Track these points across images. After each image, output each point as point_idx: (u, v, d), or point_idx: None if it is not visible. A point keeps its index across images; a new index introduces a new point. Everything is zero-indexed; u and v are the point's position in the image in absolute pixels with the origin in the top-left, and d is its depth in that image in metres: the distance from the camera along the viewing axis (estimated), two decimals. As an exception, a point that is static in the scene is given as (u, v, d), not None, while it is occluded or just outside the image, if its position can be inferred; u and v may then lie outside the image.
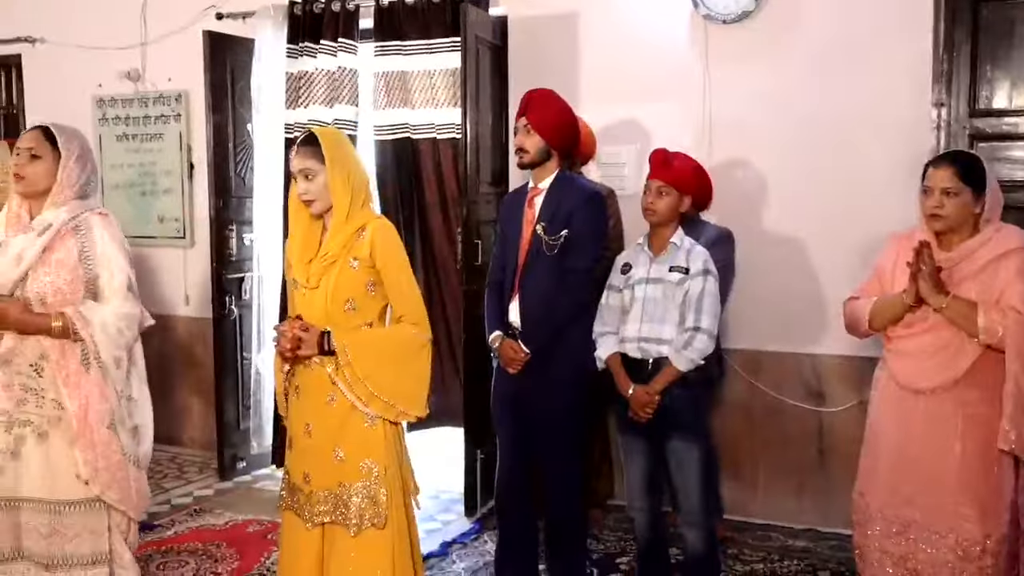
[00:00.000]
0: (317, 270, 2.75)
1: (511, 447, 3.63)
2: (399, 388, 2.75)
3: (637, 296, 3.38)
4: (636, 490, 3.47)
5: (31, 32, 6.12)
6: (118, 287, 2.82)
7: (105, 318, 2.76)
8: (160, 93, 5.77)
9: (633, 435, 3.42)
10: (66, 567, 2.81)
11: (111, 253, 2.83)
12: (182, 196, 5.76)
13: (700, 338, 3.27)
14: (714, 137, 4.44)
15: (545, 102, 3.54)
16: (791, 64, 4.34)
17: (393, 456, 2.77)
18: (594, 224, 3.48)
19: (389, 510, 2.72)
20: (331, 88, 5.09)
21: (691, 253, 3.37)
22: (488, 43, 4.64)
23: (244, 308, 5.35)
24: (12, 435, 2.82)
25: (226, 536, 4.40)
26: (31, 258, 2.76)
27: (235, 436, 5.31)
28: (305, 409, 2.79)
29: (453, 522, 4.60)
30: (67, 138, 2.88)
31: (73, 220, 2.82)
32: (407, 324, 2.78)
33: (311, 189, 2.72)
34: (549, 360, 3.44)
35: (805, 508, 4.43)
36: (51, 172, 2.84)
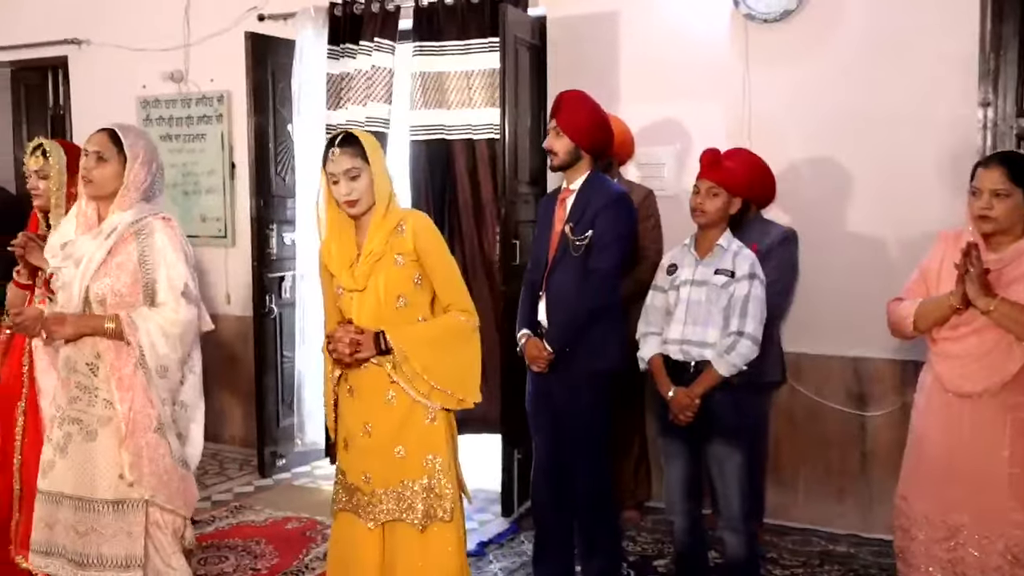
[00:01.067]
0: (363, 271, 2.74)
1: (545, 446, 3.64)
2: (456, 376, 2.77)
3: (682, 298, 3.35)
4: (675, 493, 3.44)
5: (77, 34, 6.22)
6: (173, 292, 2.82)
7: (151, 327, 2.77)
8: (202, 94, 5.84)
9: (673, 438, 3.39)
10: (99, 567, 2.82)
11: (169, 258, 2.83)
12: (224, 196, 5.82)
13: (743, 343, 3.23)
14: (754, 137, 4.39)
15: (575, 104, 3.54)
16: (833, 64, 4.28)
17: (452, 450, 2.80)
18: (618, 226, 3.47)
19: (454, 503, 2.74)
20: (368, 87, 5.11)
21: (738, 256, 3.32)
22: (527, 43, 4.63)
23: (284, 307, 5.39)
24: (63, 431, 2.86)
25: (266, 533, 4.43)
26: (97, 262, 2.80)
27: (275, 434, 5.35)
28: (363, 409, 2.78)
29: (490, 522, 4.60)
30: (133, 140, 2.89)
31: (136, 224, 2.84)
32: (455, 312, 2.80)
33: (357, 188, 2.71)
34: (572, 360, 3.45)
35: (846, 513, 4.37)
36: (118, 174, 2.86)
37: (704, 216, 3.33)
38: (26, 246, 3.23)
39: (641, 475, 4.61)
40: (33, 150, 3.35)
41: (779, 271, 3.89)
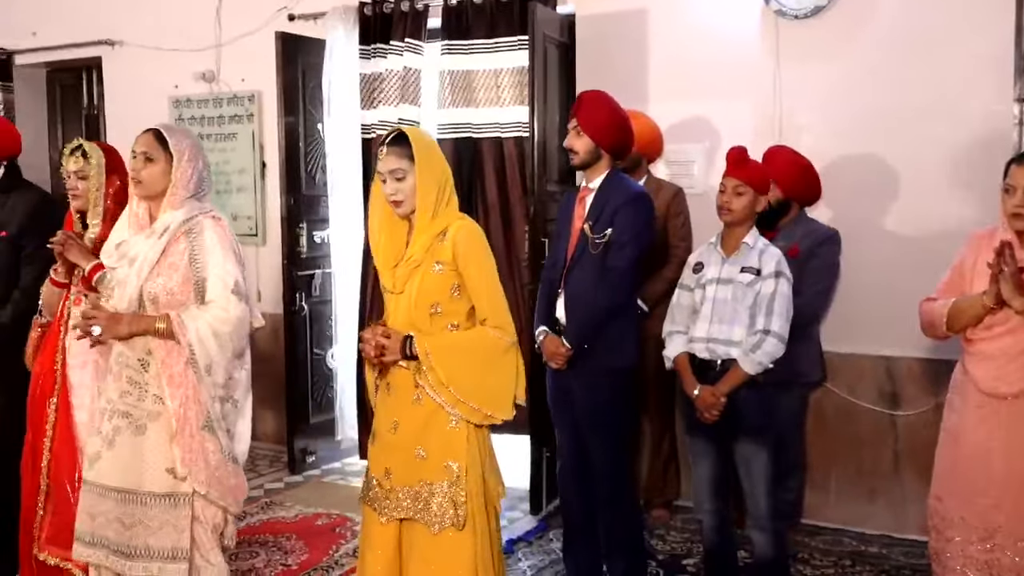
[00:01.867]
0: (402, 275, 2.73)
1: (568, 443, 3.66)
2: (483, 392, 2.70)
3: (708, 296, 3.35)
4: (703, 492, 3.43)
5: (111, 35, 6.29)
6: (223, 290, 2.85)
7: (201, 326, 2.80)
8: (234, 94, 5.89)
9: (700, 436, 3.39)
10: (146, 558, 2.86)
11: (219, 256, 2.86)
12: (254, 194, 5.87)
13: (770, 341, 3.22)
14: (784, 135, 4.37)
15: (595, 104, 3.55)
16: (864, 60, 4.25)
17: (475, 458, 2.74)
18: (637, 224, 3.47)
19: (470, 513, 2.70)
20: (400, 88, 5.13)
21: (764, 254, 3.31)
22: (556, 41, 4.63)
23: (314, 304, 5.43)
24: (112, 424, 2.90)
25: (296, 528, 4.47)
26: (151, 261, 2.84)
27: (305, 431, 5.39)
28: (394, 406, 2.78)
29: (519, 520, 4.60)
30: (177, 139, 2.93)
31: (187, 223, 2.88)
32: (490, 327, 2.73)
33: (402, 189, 2.68)
34: (590, 357, 3.46)
35: (878, 513, 4.33)
36: (166, 173, 2.90)
37: (730, 214, 3.31)
38: (65, 244, 3.25)
39: (671, 474, 4.60)
40: (72, 151, 3.37)
41: (821, 273, 3.88)
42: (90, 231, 3.36)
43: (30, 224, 3.68)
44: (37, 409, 3.43)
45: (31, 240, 3.65)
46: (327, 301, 5.49)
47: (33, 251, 3.64)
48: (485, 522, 2.76)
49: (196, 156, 2.96)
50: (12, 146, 3.88)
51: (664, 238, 4.37)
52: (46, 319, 3.48)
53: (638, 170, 4.40)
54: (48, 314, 3.46)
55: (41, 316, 3.50)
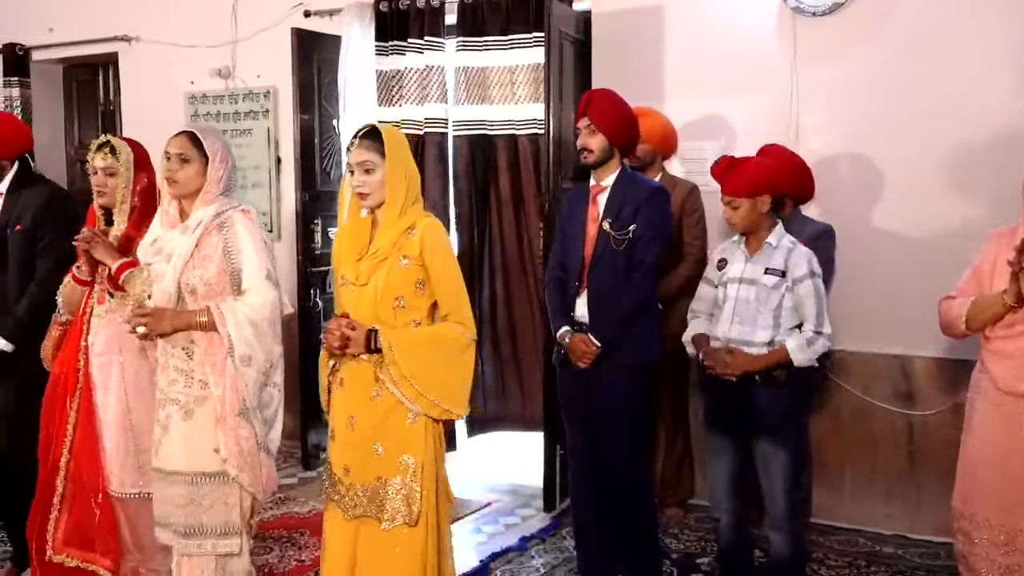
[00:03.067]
0: (367, 267, 2.75)
1: (581, 443, 3.65)
2: (444, 386, 2.75)
3: (730, 295, 3.34)
4: (720, 490, 3.42)
5: (127, 31, 6.32)
6: (257, 278, 2.95)
7: (239, 317, 2.88)
8: (249, 90, 5.90)
9: (719, 433, 3.38)
10: (201, 535, 2.98)
11: (251, 246, 2.96)
12: (269, 190, 5.88)
13: (822, 342, 3.22)
14: (801, 133, 4.36)
15: (605, 101, 3.55)
16: (882, 57, 4.22)
17: (431, 454, 2.77)
18: (659, 220, 3.50)
19: (423, 509, 2.72)
20: (421, 86, 5.14)
21: (791, 254, 3.28)
22: (572, 38, 4.62)
23: (329, 301, 5.40)
24: (164, 412, 3.01)
25: (309, 524, 4.47)
26: (186, 255, 2.94)
27: (319, 426, 5.37)
28: (349, 402, 2.80)
29: (532, 517, 4.60)
30: (211, 140, 3.03)
31: (218, 217, 2.97)
32: (453, 323, 2.77)
33: (368, 182, 2.73)
34: (614, 353, 3.46)
35: (893, 513, 4.31)
36: (200, 173, 2.99)
37: (735, 226, 3.36)
38: (91, 241, 3.26)
39: (685, 472, 4.59)
40: (100, 147, 3.37)
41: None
42: (115, 228, 3.37)
43: (45, 217, 3.69)
44: (56, 408, 3.43)
45: (46, 233, 3.66)
46: (339, 297, 5.48)
47: (48, 244, 3.65)
48: (435, 519, 2.78)
49: (227, 156, 3.07)
50: (24, 143, 3.88)
51: (678, 236, 4.35)
52: (65, 317, 3.48)
53: (653, 167, 4.39)
54: (68, 312, 3.47)
55: (60, 314, 3.49)
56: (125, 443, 3.34)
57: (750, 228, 3.32)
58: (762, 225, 3.32)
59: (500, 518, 4.60)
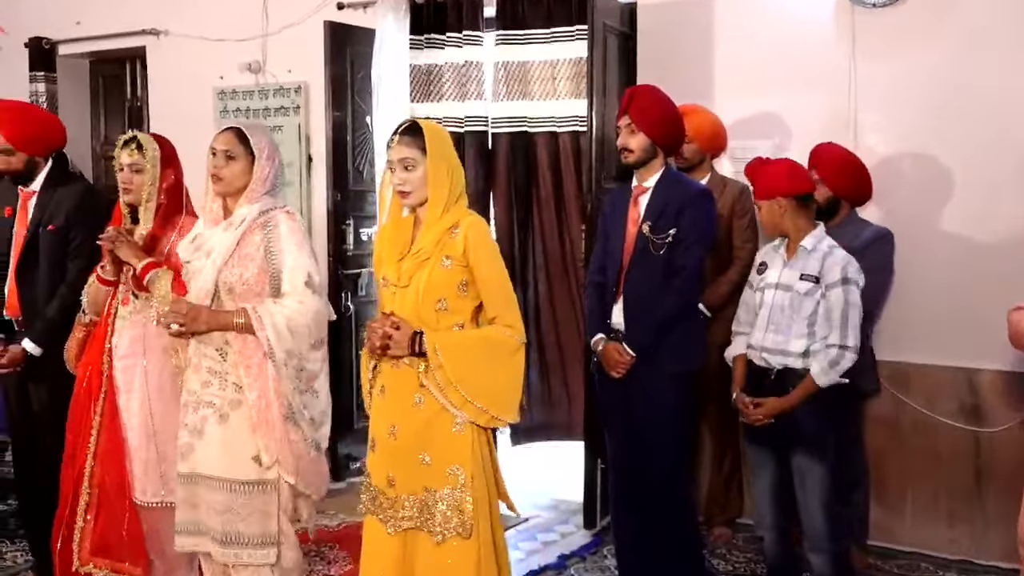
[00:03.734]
0: (409, 268, 2.75)
1: (621, 454, 3.64)
2: (492, 392, 2.73)
3: (765, 301, 3.37)
4: (763, 506, 3.42)
5: (155, 25, 6.39)
6: (298, 283, 2.96)
7: (277, 320, 2.91)
8: (280, 85, 5.94)
9: (760, 446, 3.39)
10: (238, 545, 2.99)
11: (293, 249, 2.98)
12: (300, 189, 5.91)
13: (848, 357, 3.23)
14: (859, 131, 4.30)
15: (647, 98, 3.54)
16: (946, 51, 4.16)
17: (480, 462, 2.75)
18: (703, 223, 3.49)
19: (475, 519, 2.71)
20: (459, 82, 5.16)
21: (827, 259, 3.28)
22: (616, 31, 4.60)
23: (360, 304, 5.45)
24: (198, 415, 3.03)
25: (338, 537, 4.49)
26: (225, 253, 2.97)
27: (349, 436, 5.40)
28: (390, 410, 2.79)
29: (572, 534, 4.58)
30: (258, 138, 3.06)
31: (262, 216, 3.01)
32: (500, 326, 2.75)
33: (410, 180, 2.73)
34: (653, 362, 3.46)
35: (958, 537, 4.23)
36: (246, 171, 3.02)
37: (768, 229, 3.42)
38: (116, 241, 3.30)
39: (733, 490, 4.55)
40: (126, 143, 3.39)
41: (871, 274, 3.79)
42: (141, 227, 3.40)
43: (77, 217, 3.74)
44: (81, 412, 3.47)
45: (78, 233, 3.71)
46: (373, 301, 5.49)
47: (80, 244, 3.70)
48: (489, 530, 2.77)
49: (274, 154, 3.10)
50: (59, 139, 3.94)
51: (728, 239, 4.32)
52: (90, 318, 3.52)
53: (701, 167, 4.38)
54: (93, 313, 3.50)
55: (84, 315, 3.54)
56: (147, 449, 3.37)
57: (775, 231, 3.38)
58: (791, 227, 3.35)
59: (538, 534, 4.59)
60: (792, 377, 3.31)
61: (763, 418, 3.31)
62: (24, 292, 3.78)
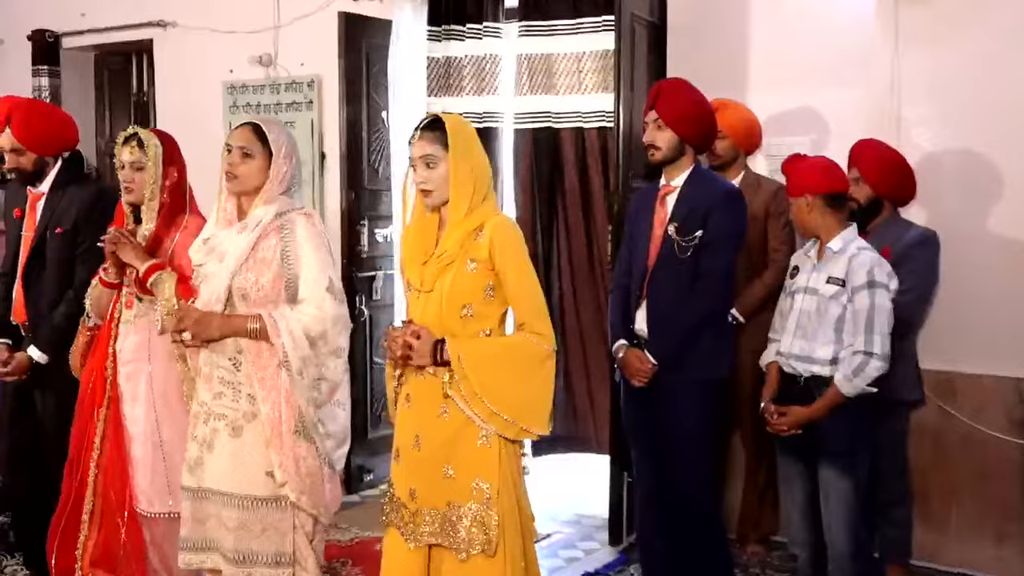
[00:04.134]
0: (432, 272, 2.71)
1: (649, 470, 3.61)
2: (520, 404, 2.68)
3: (794, 307, 3.37)
4: (795, 519, 3.41)
5: (163, 16, 6.37)
6: (316, 289, 2.90)
7: (294, 327, 2.86)
8: (292, 79, 5.90)
9: (791, 457, 3.38)
10: (251, 563, 2.95)
11: (312, 253, 2.93)
12: (312, 188, 5.86)
13: (873, 364, 3.19)
14: (903, 127, 4.22)
15: (676, 93, 3.51)
16: (998, 40, 4.06)
17: (508, 478, 2.71)
18: (731, 225, 3.45)
19: (501, 536, 2.66)
20: (478, 76, 5.14)
21: (853, 261, 3.25)
22: (645, 22, 4.54)
23: (375, 308, 5.41)
24: (209, 427, 2.99)
25: (351, 553, 4.44)
26: (240, 257, 2.92)
27: (363, 447, 5.35)
28: (415, 419, 2.76)
29: (596, 551, 4.53)
30: (276, 134, 3.00)
31: (279, 218, 2.96)
32: (529, 333, 2.70)
33: (431, 178, 2.69)
34: (678, 370, 3.42)
35: (1006, 556, 4.14)
36: (262, 169, 2.97)
37: (799, 228, 3.45)
38: (118, 242, 3.26)
39: (767, 505, 4.47)
40: (127, 140, 3.36)
41: (915, 277, 3.75)
42: (143, 227, 3.37)
43: (86, 220, 3.71)
44: (85, 420, 3.45)
45: (87, 237, 3.67)
46: (388, 305, 5.47)
47: (88, 248, 3.66)
48: (519, 549, 2.73)
49: (292, 152, 3.04)
50: (71, 139, 3.93)
51: (762, 241, 4.26)
52: (94, 322, 3.50)
53: (734, 165, 4.33)
54: (97, 316, 3.48)
55: (88, 319, 3.50)
56: (154, 459, 3.35)
57: (805, 230, 3.40)
58: (821, 227, 3.34)
59: (560, 551, 4.54)
60: (819, 385, 3.29)
61: (787, 428, 3.30)
62: (30, 297, 3.77)
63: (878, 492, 3.84)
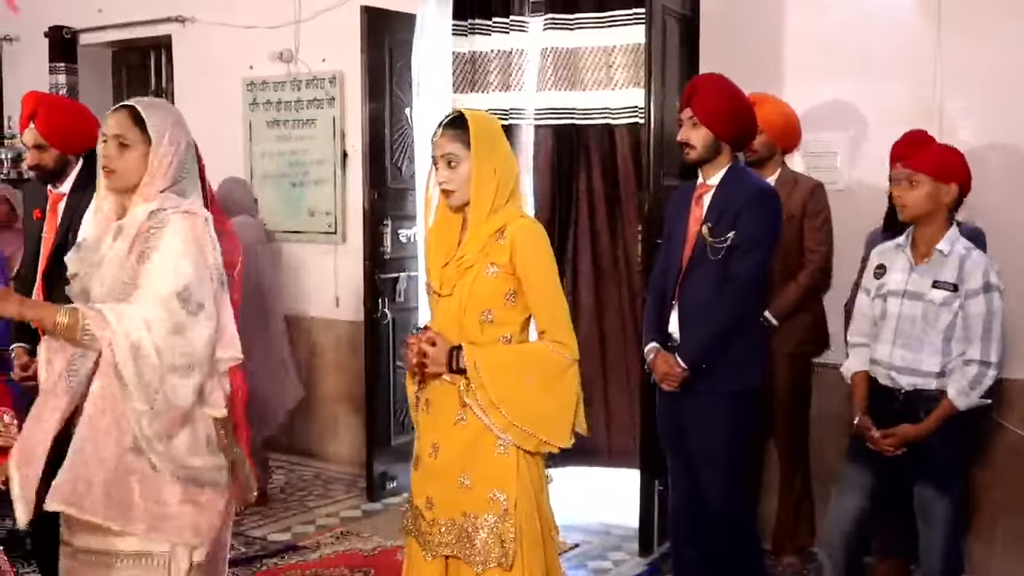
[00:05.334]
0: (452, 275, 2.71)
1: (683, 480, 3.63)
2: (539, 415, 2.67)
3: (890, 311, 3.27)
4: (838, 528, 3.36)
5: (182, 11, 6.45)
6: (160, 290, 2.52)
7: (129, 327, 2.48)
8: (313, 75, 5.96)
9: (861, 466, 3.32)
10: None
11: (173, 253, 2.55)
12: (334, 187, 5.93)
13: (990, 375, 3.14)
14: (946, 121, 4.21)
15: (712, 89, 3.50)
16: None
17: (527, 489, 2.70)
18: (763, 225, 3.43)
19: (519, 549, 2.66)
20: (504, 72, 5.17)
21: (965, 262, 3.18)
22: (676, 14, 4.55)
23: (399, 311, 5.43)
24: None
25: (374, 562, 4.48)
26: (117, 275, 2.60)
27: (386, 453, 5.40)
28: (433, 426, 2.76)
29: (625, 562, 4.53)
30: (157, 119, 2.66)
31: (153, 217, 2.60)
32: (550, 341, 2.70)
33: (453, 178, 2.67)
34: (709, 377, 3.42)
35: (1055, 571, 4.12)
36: (143, 161, 2.66)
37: (905, 210, 3.23)
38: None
39: (803, 516, 4.47)
40: None
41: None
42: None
43: None
44: None
45: None
46: (412, 308, 5.50)
47: None
48: (539, 563, 2.71)
49: (179, 138, 2.70)
50: (95, 136, 3.94)
51: (799, 241, 4.26)
52: None
53: (772, 162, 4.33)
54: None
55: None
56: None
57: (921, 218, 3.24)
58: (935, 222, 3.24)
59: (589, 562, 4.55)
60: (922, 399, 3.21)
61: (893, 449, 3.21)
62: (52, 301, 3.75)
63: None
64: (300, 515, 5.12)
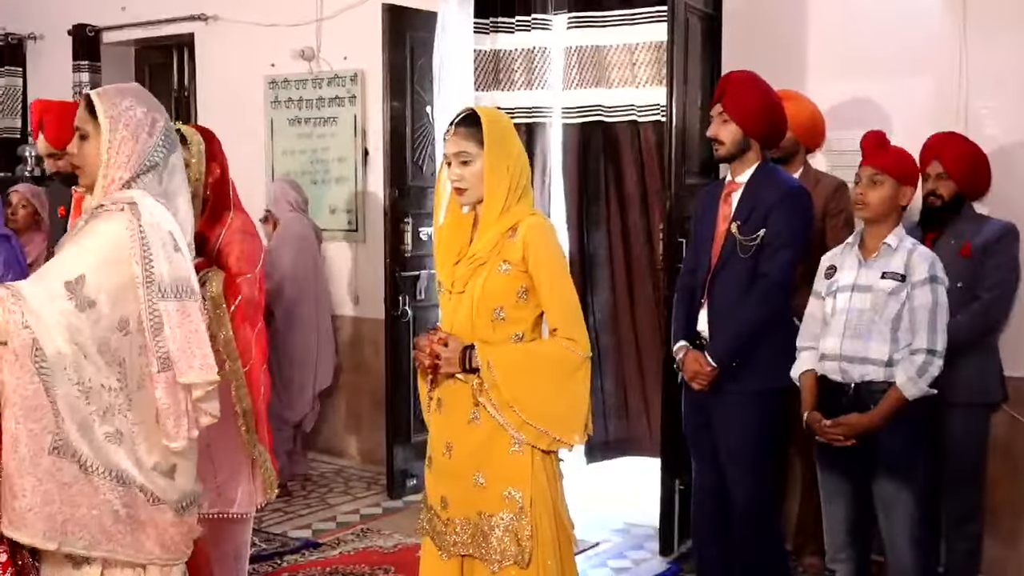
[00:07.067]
0: (463, 273, 2.73)
1: (707, 478, 3.65)
2: (552, 414, 2.70)
3: (839, 306, 3.32)
4: (837, 537, 3.40)
5: (204, 9, 6.52)
6: (51, 276, 2.29)
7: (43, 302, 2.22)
8: (335, 73, 6.02)
9: (833, 473, 3.37)
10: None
11: (81, 243, 2.35)
12: (355, 185, 5.98)
13: (936, 363, 3.18)
14: (971, 118, 4.21)
15: (743, 86, 3.53)
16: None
17: (542, 487, 2.73)
18: (793, 225, 3.46)
19: (535, 547, 2.68)
20: (528, 69, 5.21)
21: (912, 256, 3.24)
22: (699, 12, 4.58)
23: (419, 309, 5.48)
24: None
25: (394, 560, 4.51)
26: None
27: (406, 450, 5.45)
28: (446, 426, 2.79)
29: (646, 561, 4.56)
30: (109, 104, 2.44)
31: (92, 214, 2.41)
32: (562, 339, 2.71)
33: (466, 176, 2.69)
34: (739, 376, 3.44)
35: (1079, 573, 4.11)
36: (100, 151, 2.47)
37: (864, 208, 3.30)
38: None
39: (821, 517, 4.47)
40: None
41: (1001, 272, 3.78)
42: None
43: None
44: None
45: None
46: (433, 305, 5.51)
47: None
48: (555, 560, 2.73)
49: (140, 126, 2.47)
50: None
51: (820, 240, 4.26)
52: None
53: (795, 161, 4.33)
54: None
55: None
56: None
57: (878, 216, 3.30)
58: (887, 223, 3.30)
59: (609, 561, 4.58)
60: (872, 391, 3.25)
61: (843, 438, 3.24)
62: None
63: (951, 502, 3.85)
64: (321, 512, 5.19)
